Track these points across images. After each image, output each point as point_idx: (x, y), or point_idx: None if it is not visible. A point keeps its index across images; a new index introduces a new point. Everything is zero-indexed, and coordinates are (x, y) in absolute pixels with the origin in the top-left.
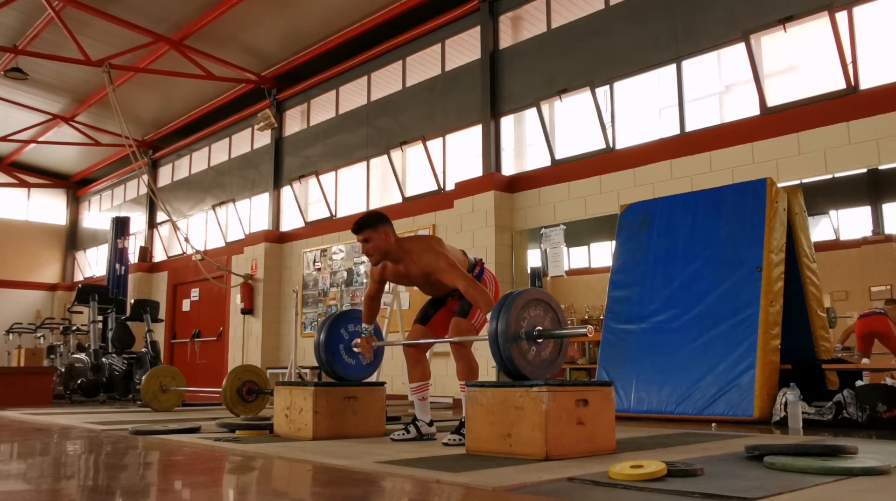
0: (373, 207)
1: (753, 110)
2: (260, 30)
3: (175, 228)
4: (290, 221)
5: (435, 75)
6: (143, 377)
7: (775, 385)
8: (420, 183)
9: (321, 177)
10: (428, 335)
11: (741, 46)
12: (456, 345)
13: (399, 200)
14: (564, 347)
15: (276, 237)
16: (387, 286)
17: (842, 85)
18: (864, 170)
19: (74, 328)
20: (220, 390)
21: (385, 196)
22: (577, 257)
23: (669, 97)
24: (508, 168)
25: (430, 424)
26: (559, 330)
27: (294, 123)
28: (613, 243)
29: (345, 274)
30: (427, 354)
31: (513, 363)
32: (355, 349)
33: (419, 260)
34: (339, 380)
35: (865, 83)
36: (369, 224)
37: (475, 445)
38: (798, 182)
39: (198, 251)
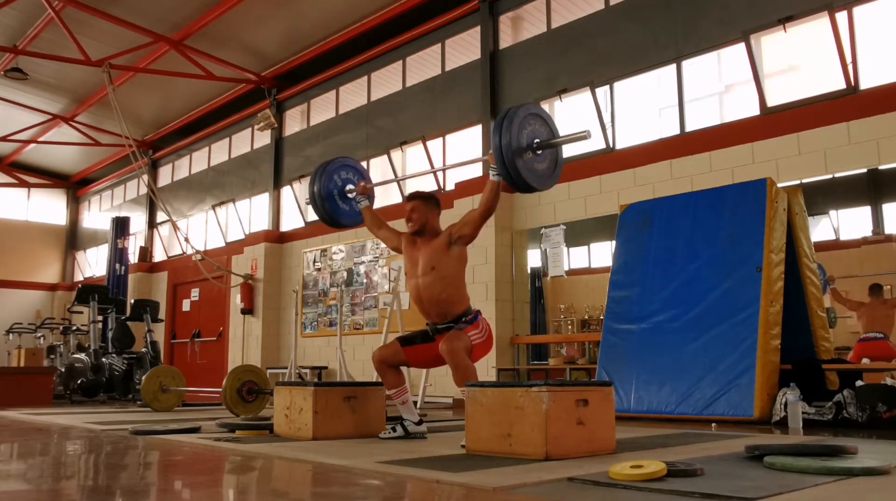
0: (375, 207)
1: (753, 110)
2: (260, 30)
3: (175, 228)
4: (290, 221)
5: (435, 75)
6: (143, 377)
7: (775, 385)
8: (420, 183)
9: None
10: (399, 358)
11: (741, 46)
12: (449, 355)
13: (399, 200)
14: (560, 159)
15: (276, 237)
16: (387, 286)
17: (842, 85)
18: (864, 170)
19: (74, 328)
20: (220, 390)
21: (385, 196)
22: (577, 257)
23: (669, 97)
24: None
25: (419, 423)
26: (557, 138)
27: (294, 123)
28: (613, 243)
29: (345, 274)
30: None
31: (517, 173)
32: (349, 195)
33: (443, 234)
34: (337, 226)
35: (865, 83)
36: (422, 197)
37: (475, 445)
38: (798, 182)
39: (198, 251)
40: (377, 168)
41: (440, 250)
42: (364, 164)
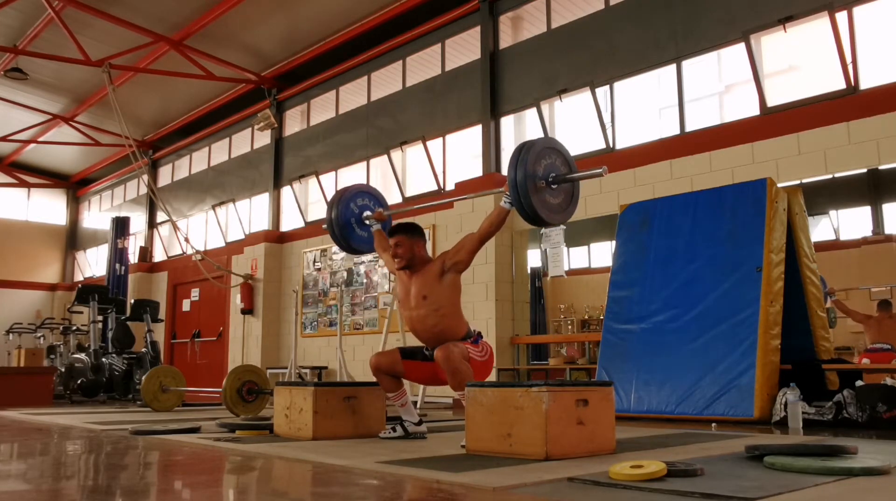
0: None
1: (753, 110)
2: (260, 30)
3: (175, 228)
4: (290, 221)
5: (435, 75)
6: (143, 377)
7: (775, 385)
8: (420, 183)
9: (321, 177)
10: (398, 366)
11: (741, 46)
12: (445, 361)
13: (399, 200)
14: (576, 194)
15: (276, 237)
16: (387, 286)
17: (842, 85)
18: (864, 170)
19: (74, 328)
20: (220, 390)
21: (385, 196)
22: (577, 257)
23: (669, 97)
24: None
25: (419, 423)
26: (573, 174)
27: (294, 123)
28: (613, 243)
29: (345, 274)
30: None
31: (532, 208)
32: (367, 222)
33: (435, 262)
34: (355, 253)
35: (865, 83)
36: (404, 231)
37: (475, 445)
38: (798, 182)
39: (198, 251)
40: (377, 168)
41: (432, 280)
42: (364, 164)
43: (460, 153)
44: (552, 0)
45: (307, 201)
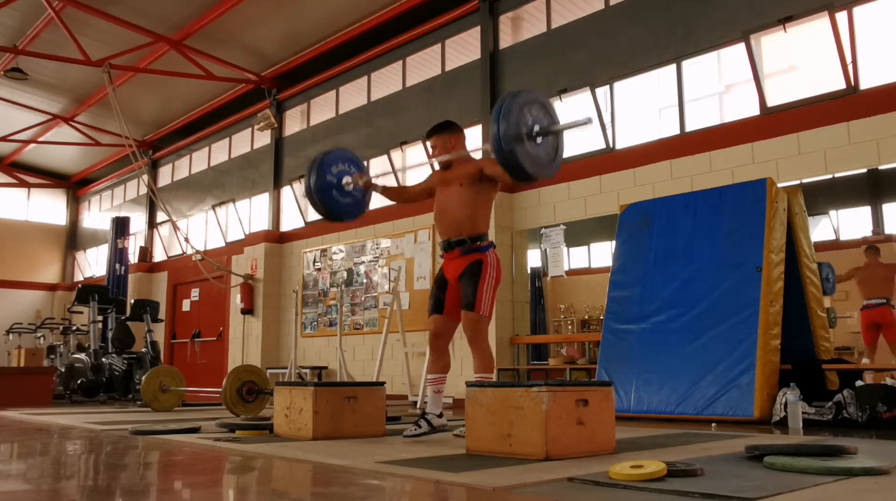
0: (373, 207)
1: (753, 110)
2: (260, 30)
3: (175, 228)
4: (290, 221)
5: (435, 75)
6: (143, 377)
7: (775, 385)
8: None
9: None
10: (448, 324)
11: (741, 46)
12: (471, 336)
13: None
14: (561, 147)
15: (276, 237)
16: (387, 286)
17: (842, 85)
18: (864, 170)
19: (74, 328)
20: (220, 390)
21: (385, 197)
22: (577, 257)
23: (669, 97)
24: None
25: (440, 415)
26: (557, 126)
27: (294, 123)
28: (613, 243)
29: (345, 274)
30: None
31: (516, 160)
32: (347, 188)
33: (477, 162)
34: (339, 220)
35: (865, 83)
36: (439, 131)
37: (475, 445)
38: (798, 182)
39: (198, 251)
40: (377, 169)
41: (472, 174)
42: (364, 164)
43: None
44: (552, 0)
45: (307, 201)
